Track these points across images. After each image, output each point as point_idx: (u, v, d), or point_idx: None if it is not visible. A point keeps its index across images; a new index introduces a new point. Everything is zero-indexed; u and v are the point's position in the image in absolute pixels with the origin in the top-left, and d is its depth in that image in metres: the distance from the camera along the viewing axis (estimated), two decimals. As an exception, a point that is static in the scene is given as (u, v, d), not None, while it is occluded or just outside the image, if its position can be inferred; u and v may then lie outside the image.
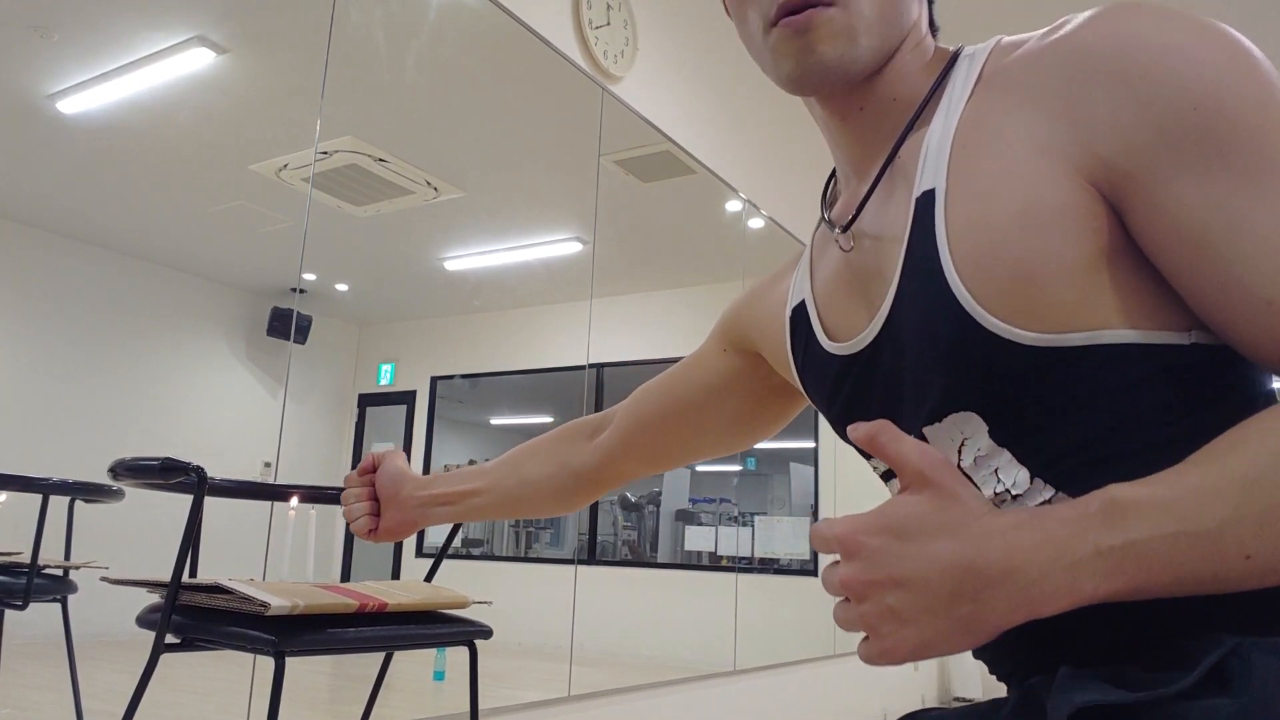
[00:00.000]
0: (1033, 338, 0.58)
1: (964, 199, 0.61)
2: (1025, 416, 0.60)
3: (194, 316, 2.81)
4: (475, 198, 3.27)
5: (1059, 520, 0.51)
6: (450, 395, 4.23)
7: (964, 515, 0.52)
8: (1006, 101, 0.62)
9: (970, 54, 0.69)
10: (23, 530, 1.91)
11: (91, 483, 2.00)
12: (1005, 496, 0.61)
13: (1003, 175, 0.59)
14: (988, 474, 0.63)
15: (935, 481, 0.53)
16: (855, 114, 0.72)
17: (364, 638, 1.39)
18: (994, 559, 0.50)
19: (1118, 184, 0.57)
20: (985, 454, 0.62)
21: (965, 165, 0.62)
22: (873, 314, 0.69)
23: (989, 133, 0.62)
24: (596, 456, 1.01)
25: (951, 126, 0.64)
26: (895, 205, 0.68)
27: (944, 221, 0.61)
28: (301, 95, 2.32)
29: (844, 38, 0.66)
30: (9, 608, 1.94)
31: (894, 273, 0.66)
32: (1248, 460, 0.49)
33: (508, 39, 2.72)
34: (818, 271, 0.79)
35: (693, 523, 4.99)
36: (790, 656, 3.96)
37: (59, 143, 2.20)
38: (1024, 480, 0.61)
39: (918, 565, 0.51)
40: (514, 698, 2.61)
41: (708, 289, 4.44)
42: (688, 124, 3.45)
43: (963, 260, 0.60)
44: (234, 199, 2.72)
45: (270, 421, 2.15)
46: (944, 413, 0.64)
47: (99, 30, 2.10)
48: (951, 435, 0.64)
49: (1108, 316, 0.57)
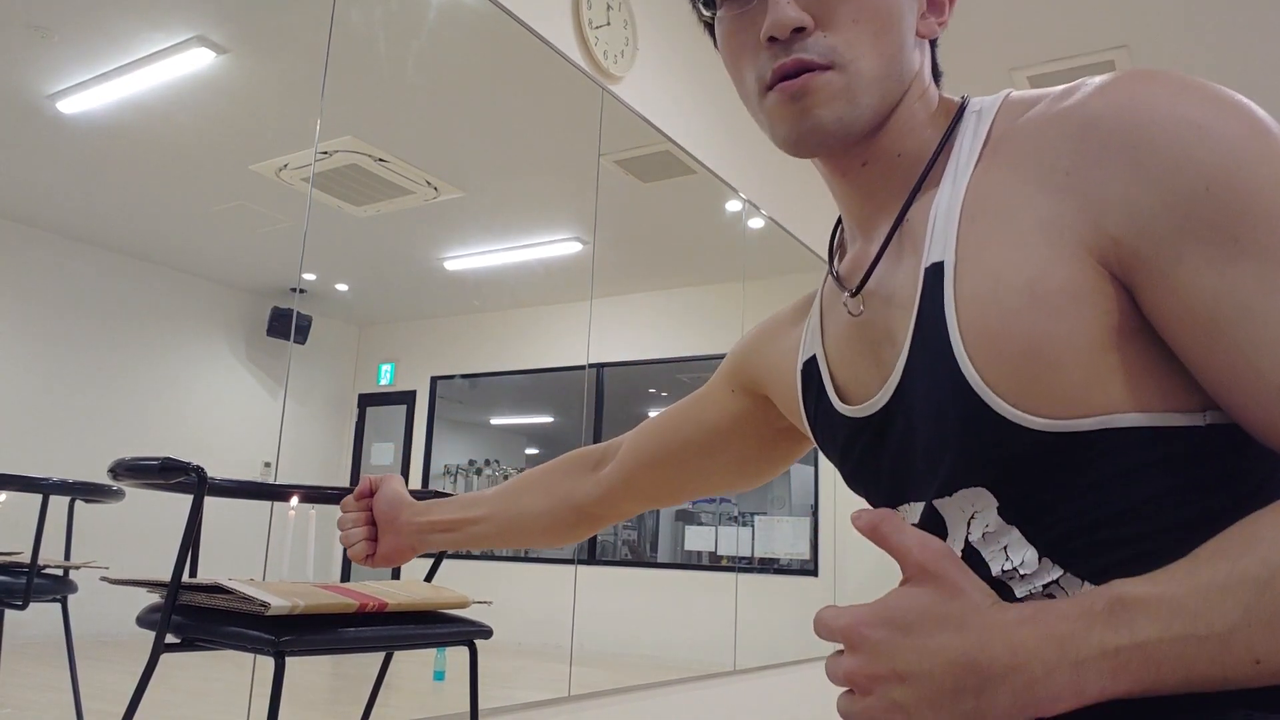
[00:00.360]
0: (1042, 423, 0.57)
1: (973, 276, 0.60)
2: (1035, 496, 0.59)
3: (194, 316, 2.81)
4: (475, 198, 3.27)
5: (1064, 617, 0.50)
6: (450, 395, 4.23)
7: (966, 608, 0.52)
8: (1015, 173, 0.60)
9: (978, 109, 0.67)
10: (23, 530, 1.91)
11: (91, 483, 2.00)
12: (1013, 574, 0.60)
13: (1011, 252, 0.58)
14: (996, 550, 0.62)
15: (937, 574, 0.53)
16: (858, 170, 0.70)
17: (364, 638, 1.39)
18: (997, 655, 0.50)
19: (1128, 263, 0.55)
20: (994, 531, 0.61)
21: (974, 239, 0.61)
22: (884, 378, 0.68)
23: (997, 205, 0.60)
24: (598, 491, 0.99)
25: (959, 194, 0.63)
26: (904, 272, 0.66)
27: (953, 299, 0.60)
28: (301, 95, 2.32)
29: (842, 100, 0.65)
30: (9, 608, 1.94)
31: (904, 341, 0.65)
32: (1259, 560, 0.48)
33: (508, 39, 2.72)
34: (828, 325, 0.77)
35: (693, 522, 4.99)
36: (790, 656, 3.96)
37: (59, 143, 2.20)
38: (1032, 559, 0.59)
39: (921, 660, 0.51)
40: (514, 698, 2.61)
41: (708, 289, 4.44)
42: (688, 124, 3.45)
43: (972, 340, 0.59)
44: (234, 199, 2.72)
45: (270, 422, 2.15)
46: (954, 487, 0.63)
47: (99, 30, 2.10)
48: (962, 508, 0.63)
49: (1119, 399, 0.56)
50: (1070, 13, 3.67)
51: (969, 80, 0.73)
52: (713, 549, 4.50)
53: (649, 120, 3.22)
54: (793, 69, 0.65)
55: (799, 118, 0.66)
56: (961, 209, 0.62)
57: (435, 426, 4.02)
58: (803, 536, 4.62)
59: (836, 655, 0.56)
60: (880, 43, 0.66)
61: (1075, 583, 0.58)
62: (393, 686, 2.00)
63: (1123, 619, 0.48)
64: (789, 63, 0.65)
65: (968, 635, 0.51)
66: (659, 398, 5.46)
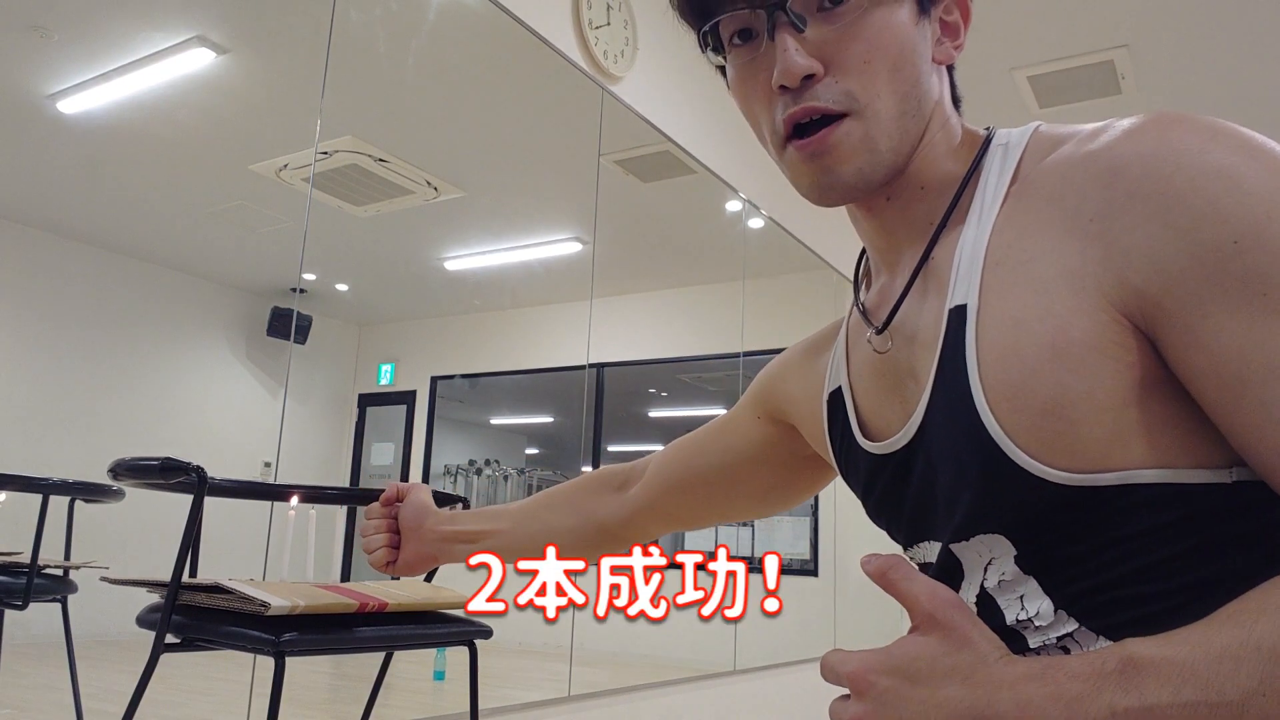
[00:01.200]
0: (1063, 476, 0.56)
1: (995, 324, 0.59)
2: (1054, 548, 0.59)
3: (194, 316, 2.81)
4: (475, 198, 3.27)
5: (1073, 675, 0.49)
6: (450, 395, 4.23)
7: (975, 661, 0.51)
8: (1040, 217, 0.59)
9: (1004, 143, 0.66)
10: (23, 530, 1.91)
11: (91, 483, 2.00)
12: (1028, 624, 0.60)
13: (1034, 301, 0.57)
14: (1012, 599, 0.61)
15: (945, 624, 0.53)
16: (882, 205, 0.69)
17: (364, 638, 1.39)
18: (1003, 711, 0.49)
19: (1152, 315, 0.54)
20: (1010, 580, 0.61)
21: (997, 286, 0.60)
22: (907, 415, 0.67)
23: (1021, 251, 0.59)
24: (624, 512, 0.99)
25: (984, 236, 0.62)
26: (929, 311, 0.66)
27: (975, 347, 0.59)
28: (301, 95, 2.32)
29: (863, 152, 0.64)
30: (9, 608, 1.94)
31: (927, 381, 0.64)
32: (1275, 628, 0.47)
33: (508, 39, 2.71)
34: (854, 357, 0.76)
35: (693, 523, 4.99)
36: (790, 656, 3.96)
37: (59, 143, 2.20)
38: (1048, 611, 0.59)
39: (925, 710, 0.51)
40: (514, 698, 2.61)
41: (708, 289, 4.43)
42: (688, 124, 3.45)
43: (993, 390, 0.58)
44: (234, 199, 2.72)
45: (270, 421, 2.15)
46: (971, 532, 0.62)
47: (99, 30, 2.10)
48: (979, 553, 0.63)
49: (1141, 456, 0.55)
50: (1070, 13, 3.67)
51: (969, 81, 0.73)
52: (712, 549, 4.49)
53: (649, 120, 3.22)
54: (804, 117, 0.64)
55: (820, 174, 0.65)
56: (986, 252, 0.61)
57: (435, 426, 4.02)
58: (803, 536, 4.62)
59: (842, 700, 0.55)
60: (896, 80, 0.64)
61: (1090, 637, 0.57)
62: (393, 686, 2.00)
63: (1134, 681, 0.47)
64: (799, 112, 0.64)
65: (975, 689, 0.50)
66: (659, 397, 5.46)
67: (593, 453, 4.31)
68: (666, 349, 4.53)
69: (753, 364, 4.21)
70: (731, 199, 3.83)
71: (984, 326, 0.59)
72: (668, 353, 4.58)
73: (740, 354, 4.04)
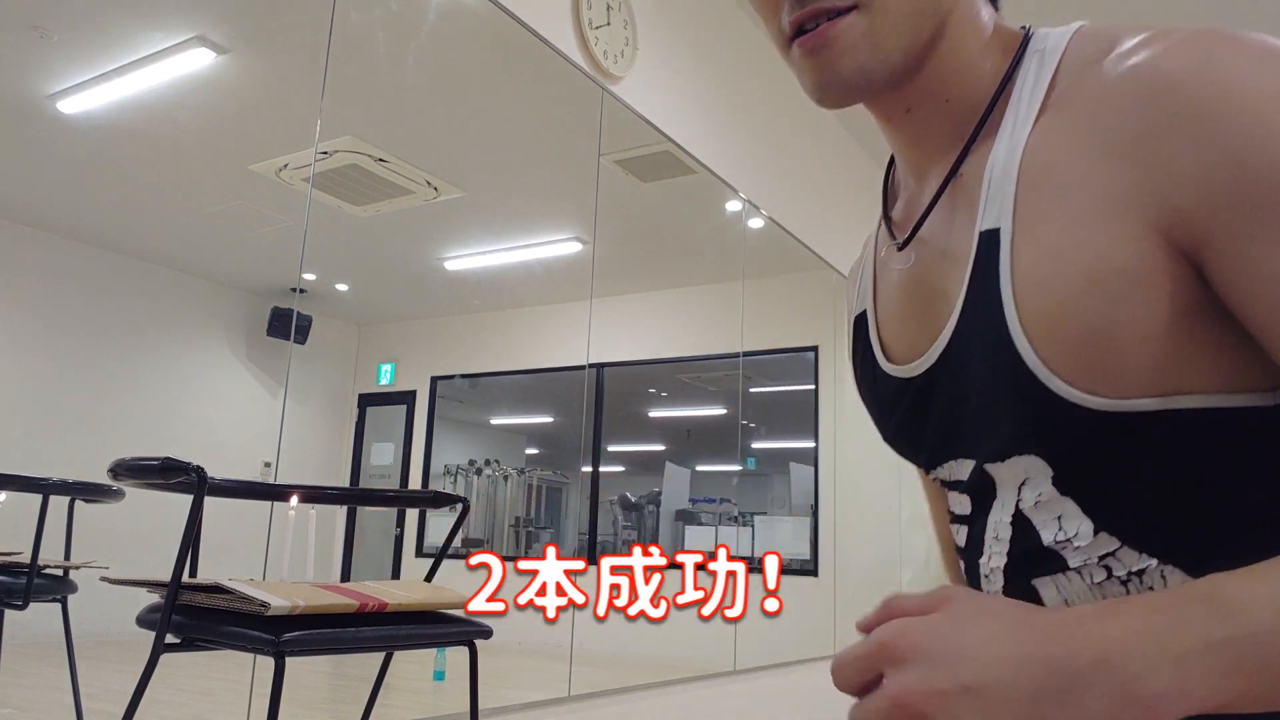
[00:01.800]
0: (1102, 403, 0.54)
1: (1030, 251, 0.56)
2: (1093, 472, 0.57)
3: (194, 316, 2.81)
4: (475, 198, 3.27)
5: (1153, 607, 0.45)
6: (450, 395, 4.23)
7: (1024, 608, 0.48)
8: (1076, 137, 0.56)
9: (1041, 48, 0.61)
10: (23, 530, 1.91)
11: (91, 483, 1.99)
12: (1066, 544, 0.58)
13: (1071, 229, 0.55)
14: (1048, 519, 0.59)
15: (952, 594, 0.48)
16: (902, 116, 0.66)
17: (364, 638, 1.39)
18: (1079, 649, 0.43)
19: (1197, 239, 0.52)
20: (1047, 500, 0.59)
21: (1031, 209, 0.57)
22: (931, 339, 0.64)
23: (1058, 172, 0.56)
24: None
25: (1017, 153, 0.58)
26: (958, 229, 0.63)
27: (1009, 274, 0.57)
28: (301, 95, 2.32)
29: (864, 48, 0.60)
30: (9, 608, 1.94)
31: (955, 304, 0.61)
32: None
33: (508, 39, 2.71)
34: (881, 278, 0.74)
35: (693, 522, 4.99)
36: (790, 656, 3.96)
37: (59, 143, 2.20)
38: (1088, 531, 0.57)
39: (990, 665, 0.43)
40: (514, 698, 2.61)
41: (708, 289, 4.43)
42: (688, 124, 3.45)
43: (1029, 319, 0.56)
44: (234, 199, 2.72)
45: (270, 421, 2.15)
46: (1006, 454, 0.61)
47: (99, 30, 2.10)
48: (1014, 473, 0.61)
49: (1184, 381, 0.53)
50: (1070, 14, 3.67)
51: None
52: (713, 549, 4.49)
53: (649, 120, 3.22)
54: (808, 20, 0.60)
55: (819, 71, 0.61)
56: (1019, 171, 0.58)
57: (435, 426, 4.03)
58: (803, 536, 4.62)
59: (864, 700, 0.46)
60: None
61: (1133, 555, 0.56)
62: (393, 686, 2.00)
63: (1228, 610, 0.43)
64: (803, 15, 0.60)
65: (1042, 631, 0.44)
66: (659, 397, 5.46)
67: (593, 453, 4.31)
68: (666, 349, 4.53)
69: (752, 364, 4.21)
70: (731, 199, 3.83)
71: (1019, 254, 0.57)
72: (668, 353, 4.58)
73: (740, 354, 4.04)
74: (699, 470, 5.25)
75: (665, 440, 5.76)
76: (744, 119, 3.87)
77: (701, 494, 5.07)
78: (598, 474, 4.50)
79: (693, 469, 5.27)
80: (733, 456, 4.32)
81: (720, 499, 4.73)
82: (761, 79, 4.00)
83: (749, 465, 4.60)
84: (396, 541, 3.76)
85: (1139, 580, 0.55)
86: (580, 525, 4.75)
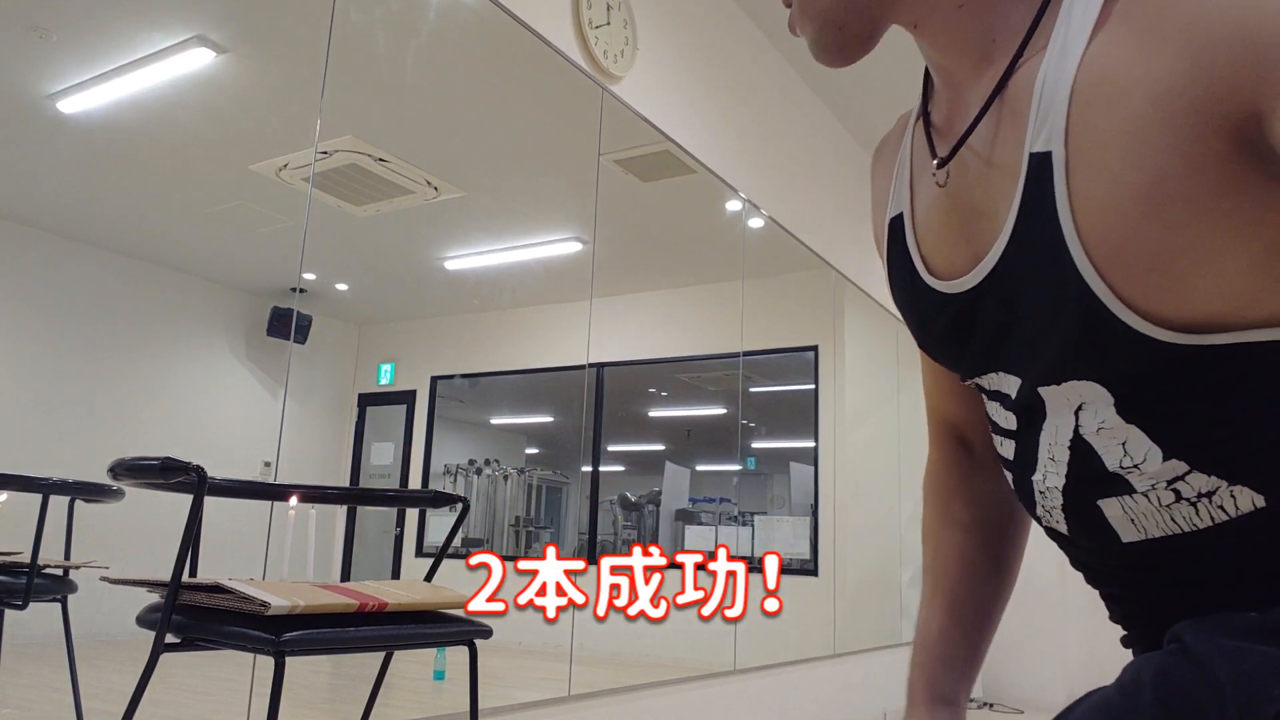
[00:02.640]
0: (1173, 336, 0.52)
1: (1089, 175, 0.53)
2: (1160, 402, 0.55)
3: (194, 316, 2.81)
4: (475, 198, 3.27)
5: None
6: (450, 395, 4.23)
7: None
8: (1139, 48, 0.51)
9: None
10: (23, 530, 1.91)
11: (91, 483, 1.99)
12: (1133, 469, 0.57)
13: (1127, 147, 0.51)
14: (1113, 444, 0.58)
15: None
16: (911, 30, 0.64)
17: (364, 637, 1.39)
18: None
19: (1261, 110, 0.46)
20: (1111, 427, 0.57)
21: (1086, 129, 0.53)
22: (976, 258, 0.62)
23: (1117, 89, 0.51)
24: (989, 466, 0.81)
25: (1071, 67, 0.54)
26: (1004, 149, 0.59)
27: (1067, 198, 0.53)
28: (301, 95, 2.32)
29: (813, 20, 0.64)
30: (9, 608, 1.94)
31: (1002, 223, 0.58)
32: None
33: (508, 39, 2.72)
34: (918, 183, 0.70)
35: (693, 522, 4.99)
36: (790, 656, 3.96)
37: (59, 143, 2.20)
38: (1156, 457, 0.56)
39: None
40: (514, 698, 2.61)
41: (708, 289, 4.43)
42: (688, 124, 3.45)
43: (1093, 245, 0.53)
44: (234, 199, 2.72)
45: (270, 421, 2.15)
46: (1063, 378, 0.59)
47: (99, 30, 2.10)
48: (1069, 398, 0.59)
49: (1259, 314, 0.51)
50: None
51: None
52: (713, 549, 4.49)
53: (649, 120, 3.22)
54: None
55: (807, 24, 0.65)
56: (1073, 87, 0.53)
57: (435, 426, 4.02)
58: (803, 536, 4.62)
59: None
60: None
61: (1202, 478, 0.55)
62: (393, 686, 2.00)
63: None
64: None
65: None
66: (659, 397, 5.45)
67: (593, 452, 4.31)
68: (666, 349, 4.53)
69: (752, 364, 4.21)
70: (731, 199, 3.83)
71: (1076, 179, 0.53)
72: (667, 352, 4.58)
73: (740, 354, 4.04)
74: (699, 470, 5.24)
75: (665, 440, 5.76)
76: (744, 119, 3.87)
77: (701, 494, 5.07)
78: (598, 474, 4.50)
79: (693, 469, 5.26)
80: (733, 456, 4.32)
81: (720, 499, 4.73)
82: (762, 79, 4.00)
83: (749, 465, 4.60)
84: (396, 541, 3.76)
85: (1209, 500, 0.55)
86: (580, 525, 4.75)
